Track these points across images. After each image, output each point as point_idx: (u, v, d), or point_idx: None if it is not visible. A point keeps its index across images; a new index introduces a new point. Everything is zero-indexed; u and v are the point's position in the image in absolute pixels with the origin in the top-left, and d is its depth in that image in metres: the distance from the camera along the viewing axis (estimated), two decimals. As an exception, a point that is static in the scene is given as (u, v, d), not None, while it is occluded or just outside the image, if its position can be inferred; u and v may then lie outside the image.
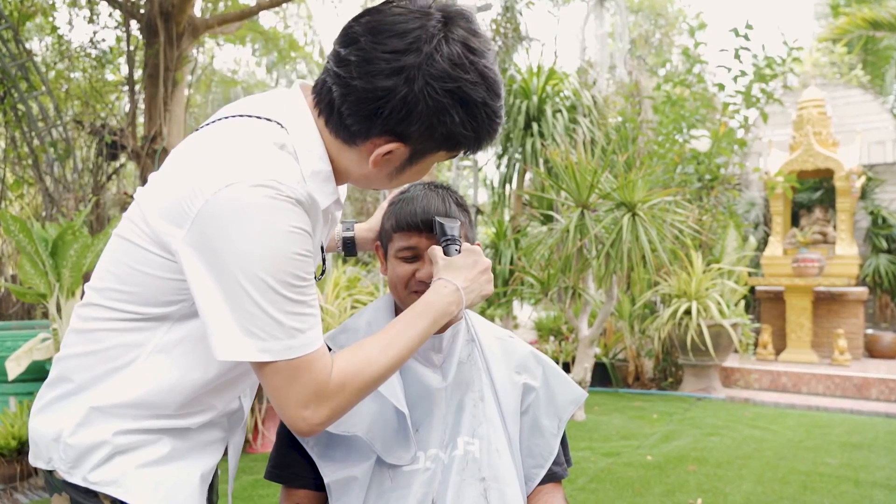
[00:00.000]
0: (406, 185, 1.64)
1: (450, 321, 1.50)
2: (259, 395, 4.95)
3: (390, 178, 1.37)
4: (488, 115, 1.27)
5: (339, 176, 1.37)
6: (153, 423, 1.34)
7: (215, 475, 1.52)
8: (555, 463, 1.65)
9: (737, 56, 8.78)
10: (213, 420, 1.43)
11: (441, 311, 1.41)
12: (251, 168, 1.19)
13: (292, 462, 1.58)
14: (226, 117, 1.33)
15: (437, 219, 1.52)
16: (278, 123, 1.28)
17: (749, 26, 8.58)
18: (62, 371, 1.37)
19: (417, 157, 1.32)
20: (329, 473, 1.53)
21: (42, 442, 1.35)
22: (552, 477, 1.65)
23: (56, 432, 1.33)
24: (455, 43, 1.22)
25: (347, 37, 1.24)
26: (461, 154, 1.35)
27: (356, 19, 1.26)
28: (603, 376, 8.61)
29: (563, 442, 1.70)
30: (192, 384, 1.33)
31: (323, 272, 1.50)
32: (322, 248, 1.46)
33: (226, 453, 1.57)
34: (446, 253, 1.49)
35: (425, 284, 1.53)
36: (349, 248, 1.79)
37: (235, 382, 1.41)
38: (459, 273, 1.45)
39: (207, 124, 1.36)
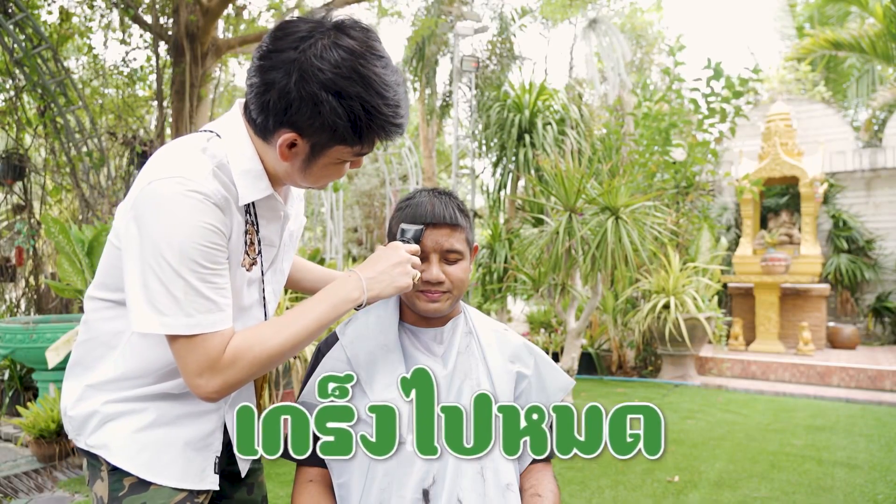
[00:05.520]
0: (411, 192, 1.63)
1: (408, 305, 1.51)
2: (274, 380, 4.93)
3: (303, 172, 1.38)
4: (366, 111, 1.27)
5: (274, 178, 1.42)
6: (137, 392, 1.40)
7: (229, 449, 1.52)
8: (545, 444, 1.64)
9: (708, 83, 8.92)
10: None
11: (341, 297, 1.40)
12: (169, 166, 1.27)
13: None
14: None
15: (402, 225, 1.54)
16: (213, 132, 1.37)
17: (718, 67, 8.70)
18: (74, 356, 1.48)
19: (318, 150, 1.33)
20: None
21: (61, 417, 1.43)
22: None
23: (64, 408, 1.44)
24: (335, 45, 1.25)
25: (263, 48, 1.30)
26: (360, 150, 1.35)
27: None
28: (589, 365, 8.61)
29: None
30: (170, 357, 1.37)
31: (272, 263, 1.53)
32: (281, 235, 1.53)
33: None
34: None
35: (431, 285, 1.54)
36: None
37: None
38: (370, 265, 1.45)
39: None
